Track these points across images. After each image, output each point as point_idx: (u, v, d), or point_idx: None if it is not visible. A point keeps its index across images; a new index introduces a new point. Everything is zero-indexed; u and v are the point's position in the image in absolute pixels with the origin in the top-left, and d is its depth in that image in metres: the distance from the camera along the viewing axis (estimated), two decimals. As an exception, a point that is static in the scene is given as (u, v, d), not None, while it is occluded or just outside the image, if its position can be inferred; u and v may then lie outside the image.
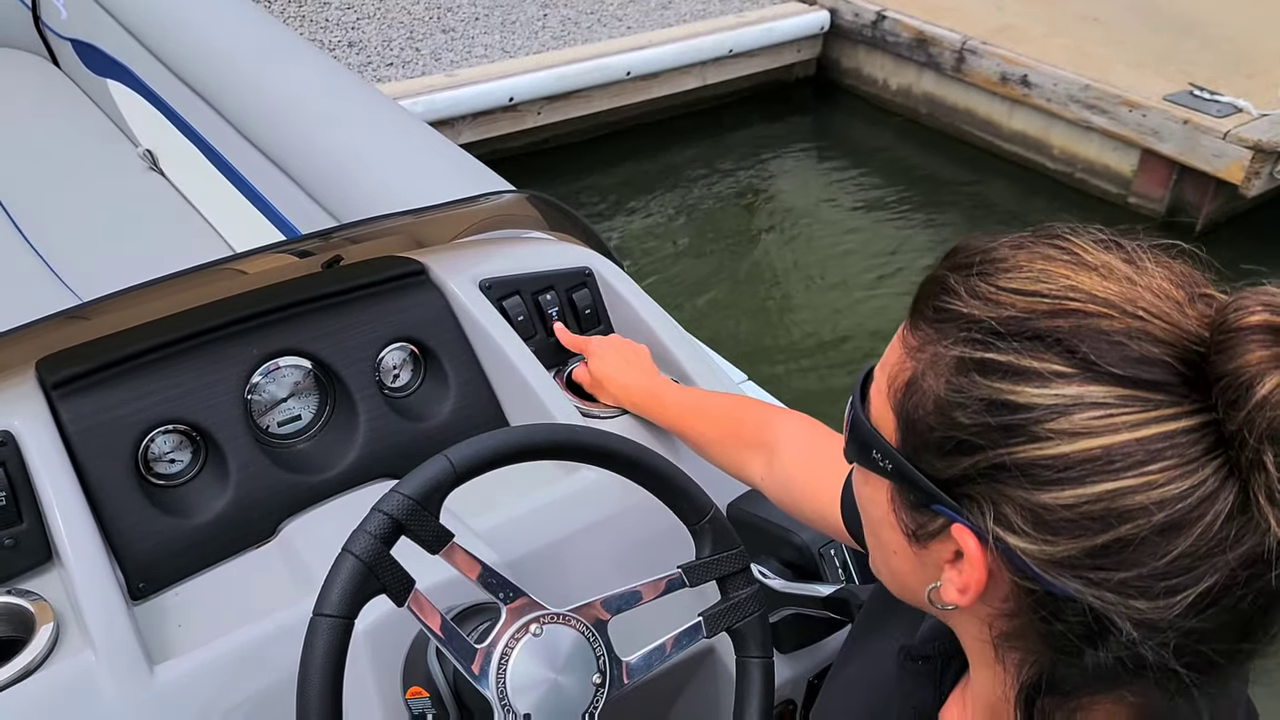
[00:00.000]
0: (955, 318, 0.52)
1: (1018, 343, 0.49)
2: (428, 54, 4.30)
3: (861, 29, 5.01)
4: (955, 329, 0.52)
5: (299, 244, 1.30)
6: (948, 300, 0.53)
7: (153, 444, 1.07)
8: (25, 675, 0.90)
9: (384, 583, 0.79)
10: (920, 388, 0.53)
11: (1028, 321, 0.49)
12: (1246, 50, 4.60)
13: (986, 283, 0.52)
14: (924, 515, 0.55)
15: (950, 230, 4.27)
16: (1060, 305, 0.49)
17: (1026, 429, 0.48)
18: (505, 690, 0.81)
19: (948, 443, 0.51)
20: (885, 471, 0.56)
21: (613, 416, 1.22)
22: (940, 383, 0.52)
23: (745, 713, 0.89)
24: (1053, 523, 0.48)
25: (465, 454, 0.83)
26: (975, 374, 0.50)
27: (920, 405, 0.53)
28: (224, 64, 2.08)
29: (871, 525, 0.62)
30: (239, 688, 0.93)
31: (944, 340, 0.52)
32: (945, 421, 0.51)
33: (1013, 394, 0.49)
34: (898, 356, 0.56)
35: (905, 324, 0.57)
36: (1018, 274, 0.52)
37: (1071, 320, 0.49)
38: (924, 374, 0.53)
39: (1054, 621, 0.50)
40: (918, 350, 0.54)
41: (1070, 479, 0.47)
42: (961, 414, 0.50)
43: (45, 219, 2.06)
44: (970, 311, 0.51)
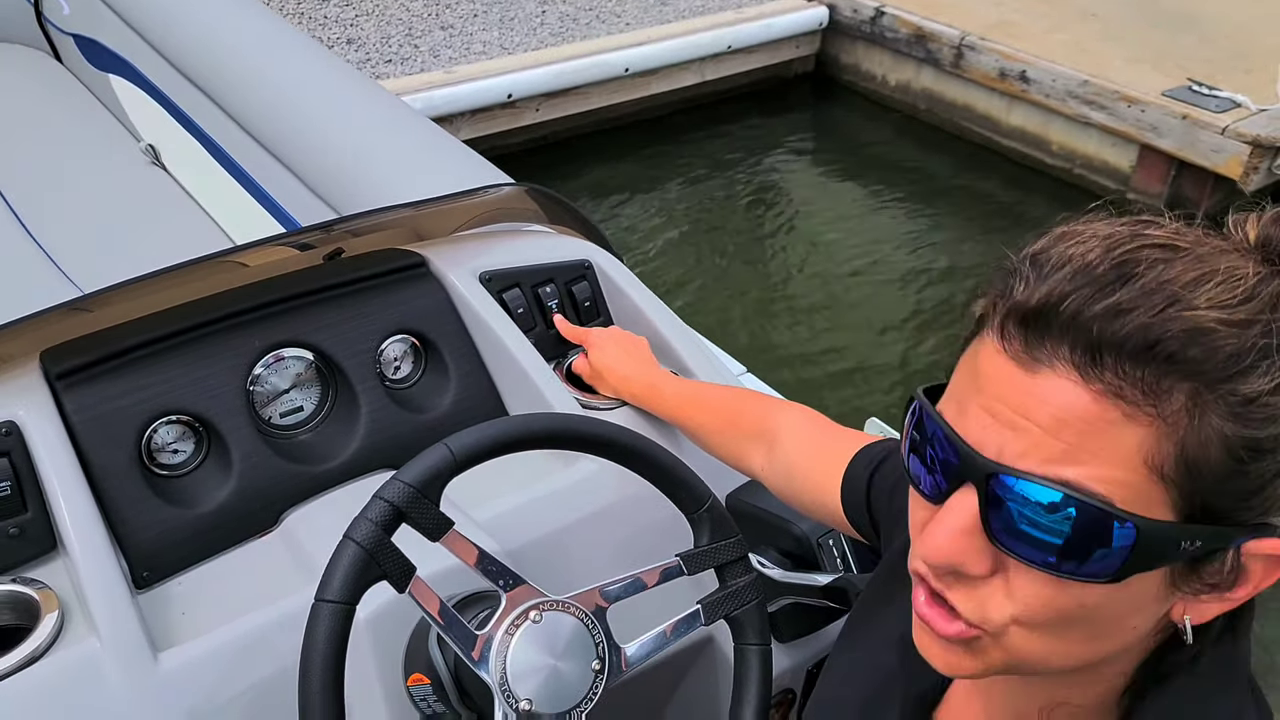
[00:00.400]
0: (1207, 361, 0.49)
1: (1277, 354, 0.49)
2: (426, 51, 4.30)
3: (860, 25, 5.02)
4: (1215, 372, 0.49)
5: (300, 236, 1.30)
6: (1188, 348, 0.48)
7: (156, 434, 1.07)
8: (31, 662, 0.91)
9: (385, 569, 0.79)
10: (1201, 444, 0.49)
11: (1274, 330, 0.49)
12: (1245, 45, 4.61)
13: (1198, 309, 0.49)
14: (1216, 563, 0.53)
15: (948, 226, 4.27)
16: (1269, 295, 0.50)
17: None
18: (505, 676, 0.82)
19: (1260, 478, 0.50)
20: (1191, 553, 0.51)
21: (612, 408, 1.22)
22: (1230, 427, 0.49)
23: (743, 699, 0.90)
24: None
25: (465, 442, 0.83)
26: (1270, 397, 0.49)
27: (1210, 461, 0.49)
28: (226, 59, 2.08)
29: (1104, 625, 0.54)
30: (242, 675, 0.94)
31: (1208, 387, 0.49)
32: (1253, 459, 0.50)
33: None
34: (1139, 435, 0.49)
35: (1110, 400, 0.49)
36: (1207, 286, 0.50)
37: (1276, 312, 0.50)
38: (1198, 430, 0.49)
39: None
40: (1171, 411, 0.49)
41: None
42: (1269, 443, 0.49)
43: (48, 213, 2.06)
44: (1227, 347, 0.49)
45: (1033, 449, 0.51)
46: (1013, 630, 0.54)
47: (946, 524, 0.54)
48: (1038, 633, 0.54)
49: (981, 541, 0.53)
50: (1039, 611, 0.53)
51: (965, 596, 0.55)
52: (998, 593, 0.54)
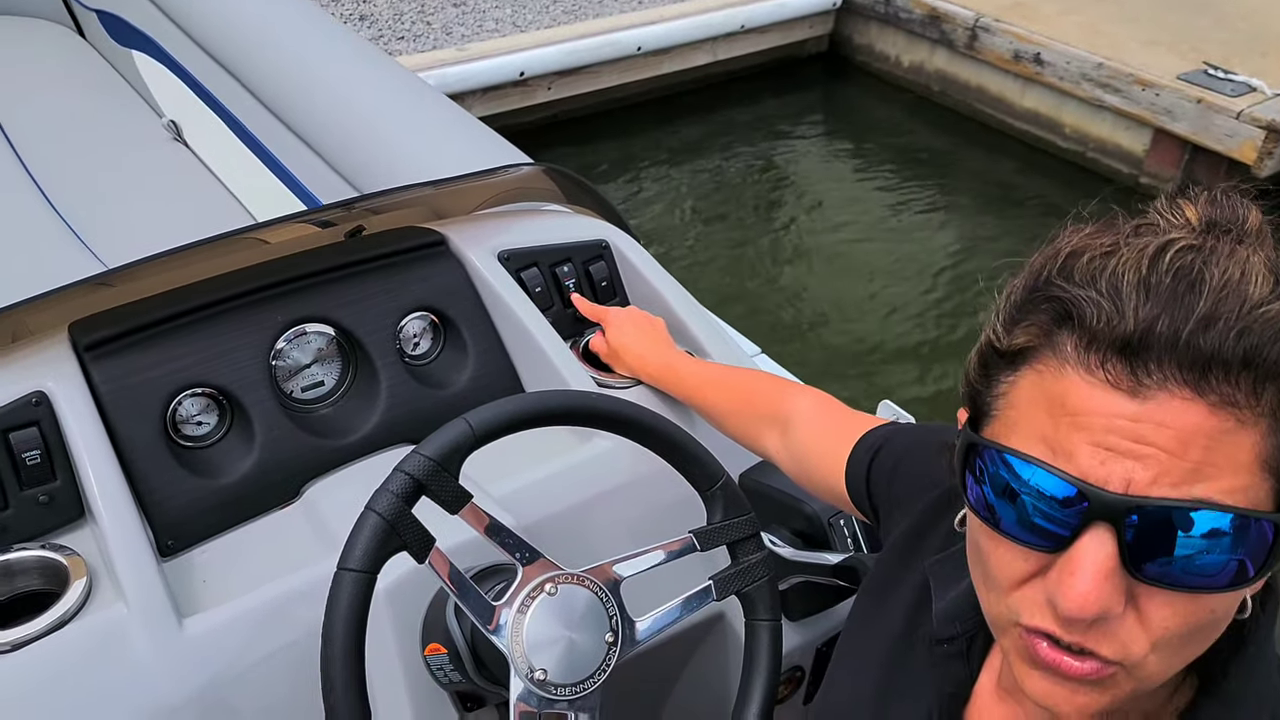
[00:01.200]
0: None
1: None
2: (439, 28, 4.28)
3: (874, 5, 4.97)
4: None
5: (321, 214, 1.31)
6: (1270, 351, 0.50)
7: (181, 406, 1.09)
8: (60, 625, 0.93)
9: (405, 540, 0.80)
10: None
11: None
12: (1262, 29, 4.55)
13: (1260, 307, 0.50)
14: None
15: (960, 208, 4.25)
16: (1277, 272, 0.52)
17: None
18: (521, 647, 0.83)
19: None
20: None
21: (627, 386, 1.23)
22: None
23: (753, 674, 0.91)
24: None
25: (484, 417, 0.84)
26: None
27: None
28: (247, 36, 2.08)
29: (1217, 627, 0.55)
30: (264, 641, 0.96)
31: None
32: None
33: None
34: (1252, 439, 0.50)
35: (1226, 412, 0.50)
36: (1253, 281, 0.51)
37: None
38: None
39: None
40: (1270, 409, 0.50)
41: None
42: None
43: (71, 188, 2.07)
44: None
45: (1162, 475, 0.49)
46: (1152, 659, 0.53)
47: (1086, 572, 0.51)
48: (1169, 652, 0.53)
49: (1119, 580, 0.51)
50: (1176, 633, 0.52)
51: (1105, 639, 0.52)
52: (1133, 626, 0.52)
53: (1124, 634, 0.52)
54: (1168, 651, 0.53)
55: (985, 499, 0.55)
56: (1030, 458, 0.53)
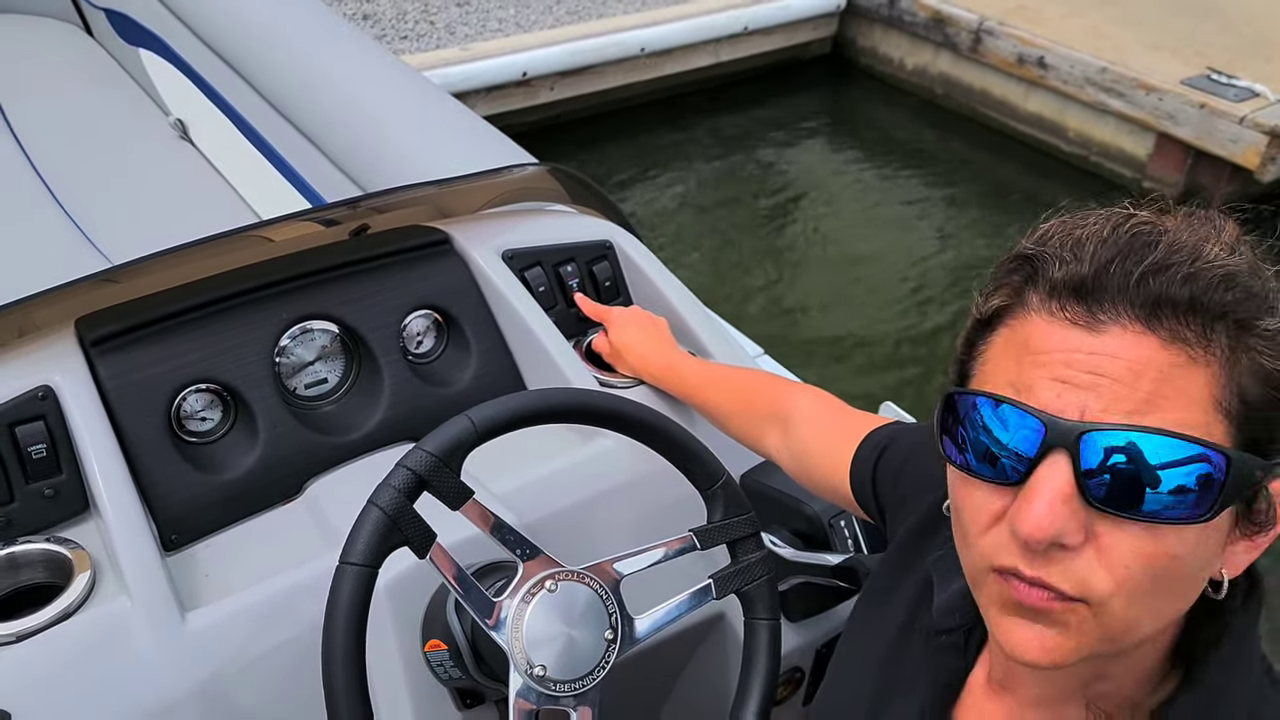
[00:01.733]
0: (1239, 302, 0.53)
1: (1275, 296, 0.54)
2: (442, 27, 4.28)
3: (878, 8, 4.97)
4: (1245, 310, 0.53)
5: (325, 212, 1.31)
6: (1224, 293, 0.52)
7: (185, 402, 1.09)
8: (64, 618, 0.93)
9: (407, 535, 0.80)
10: (1247, 379, 0.53)
11: (1262, 275, 0.54)
12: (1266, 34, 4.54)
13: (1213, 264, 0.53)
14: (1260, 501, 0.55)
15: (963, 211, 4.24)
16: (1265, 257, 0.56)
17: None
18: (521, 643, 0.83)
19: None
20: (1258, 484, 0.54)
21: (629, 386, 1.23)
22: (1266, 359, 0.53)
23: (752, 673, 0.91)
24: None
25: (486, 414, 0.84)
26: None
27: (1254, 394, 0.53)
28: (254, 35, 2.09)
29: (1187, 578, 0.55)
30: (266, 636, 0.96)
31: (1241, 326, 0.53)
32: (1278, 389, 0.53)
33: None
34: (1204, 376, 0.52)
35: (1178, 348, 0.52)
36: (1210, 244, 0.54)
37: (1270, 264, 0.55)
38: (1244, 367, 0.53)
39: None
40: (1220, 351, 0.53)
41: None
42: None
43: (78, 185, 2.07)
44: (1250, 287, 0.53)
45: (1115, 403, 0.51)
46: (1117, 600, 0.53)
47: (1042, 496, 0.52)
48: (1134, 599, 0.54)
49: (1076, 507, 0.52)
50: (1137, 571, 0.53)
51: (1064, 573, 0.53)
52: (1093, 563, 0.53)
53: (1083, 567, 0.53)
54: (1132, 597, 0.53)
55: (956, 442, 0.57)
56: (994, 395, 0.55)
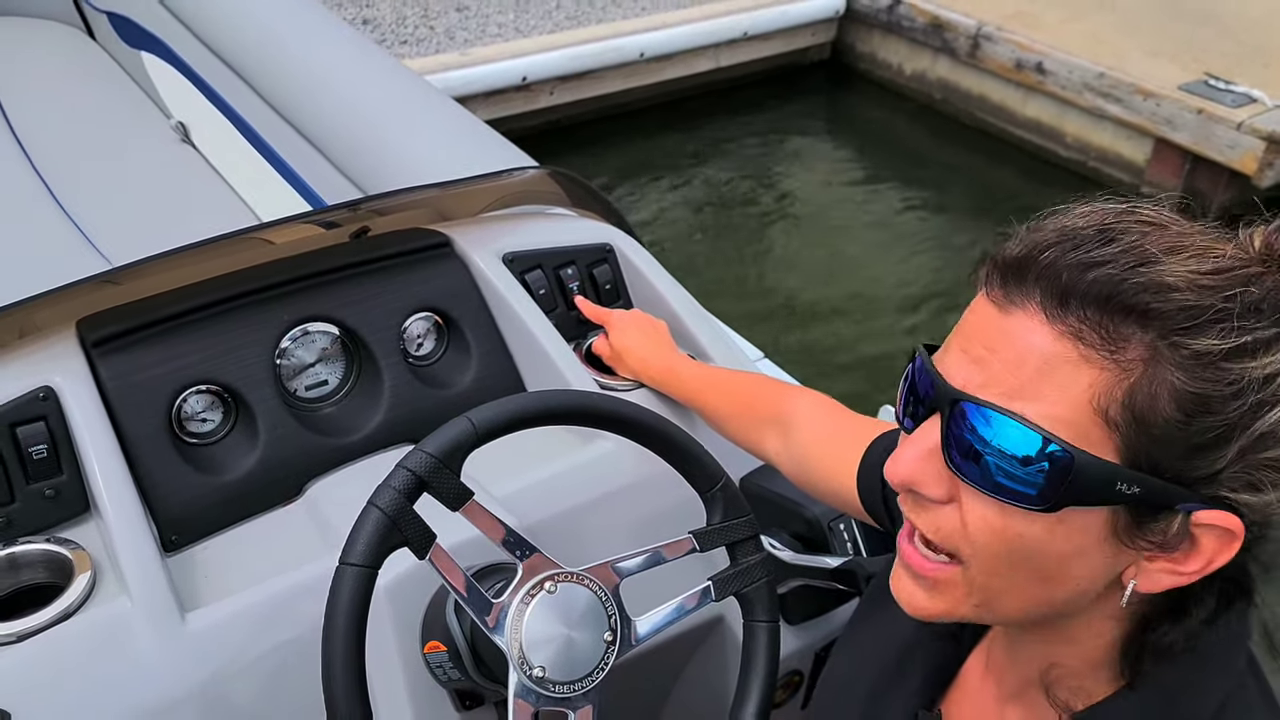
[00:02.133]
0: (1164, 314, 0.50)
1: (1239, 321, 0.50)
2: (442, 32, 4.28)
3: (877, 13, 4.97)
4: (1170, 324, 0.50)
5: (326, 214, 1.31)
6: (1147, 300, 0.50)
7: (186, 403, 1.09)
8: (64, 618, 0.93)
9: (406, 536, 0.80)
10: (1150, 394, 0.50)
11: (1236, 297, 0.50)
12: (1263, 40, 4.54)
13: (1165, 271, 0.51)
14: (1161, 522, 0.53)
15: (961, 216, 4.24)
16: (1240, 274, 0.51)
17: (1277, 395, 0.51)
18: (520, 644, 0.82)
19: (1209, 439, 0.51)
20: (1127, 497, 0.52)
21: (629, 389, 1.23)
22: (1178, 381, 0.50)
23: (751, 675, 0.90)
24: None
25: (486, 415, 0.84)
26: (1223, 362, 0.50)
27: (1156, 411, 0.51)
28: (255, 38, 2.09)
29: (1048, 565, 0.56)
30: (266, 637, 0.96)
31: (1162, 339, 0.50)
32: (1199, 417, 0.50)
33: (1261, 369, 0.50)
34: (1090, 376, 0.51)
35: (1069, 341, 0.52)
36: (1180, 255, 0.52)
37: (1251, 287, 0.51)
38: (1150, 380, 0.50)
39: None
40: (1124, 358, 0.51)
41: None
42: (1218, 404, 0.50)
43: (80, 188, 2.07)
44: (1185, 302, 0.50)
45: (993, 381, 0.54)
46: (973, 565, 0.57)
47: (913, 446, 0.58)
48: (993, 567, 0.57)
49: (940, 465, 0.57)
50: (988, 539, 0.56)
51: (928, 520, 0.59)
52: (953, 518, 0.57)
53: (944, 519, 0.58)
54: (990, 566, 0.57)
55: (900, 397, 0.62)
56: (923, 353, 0.59)
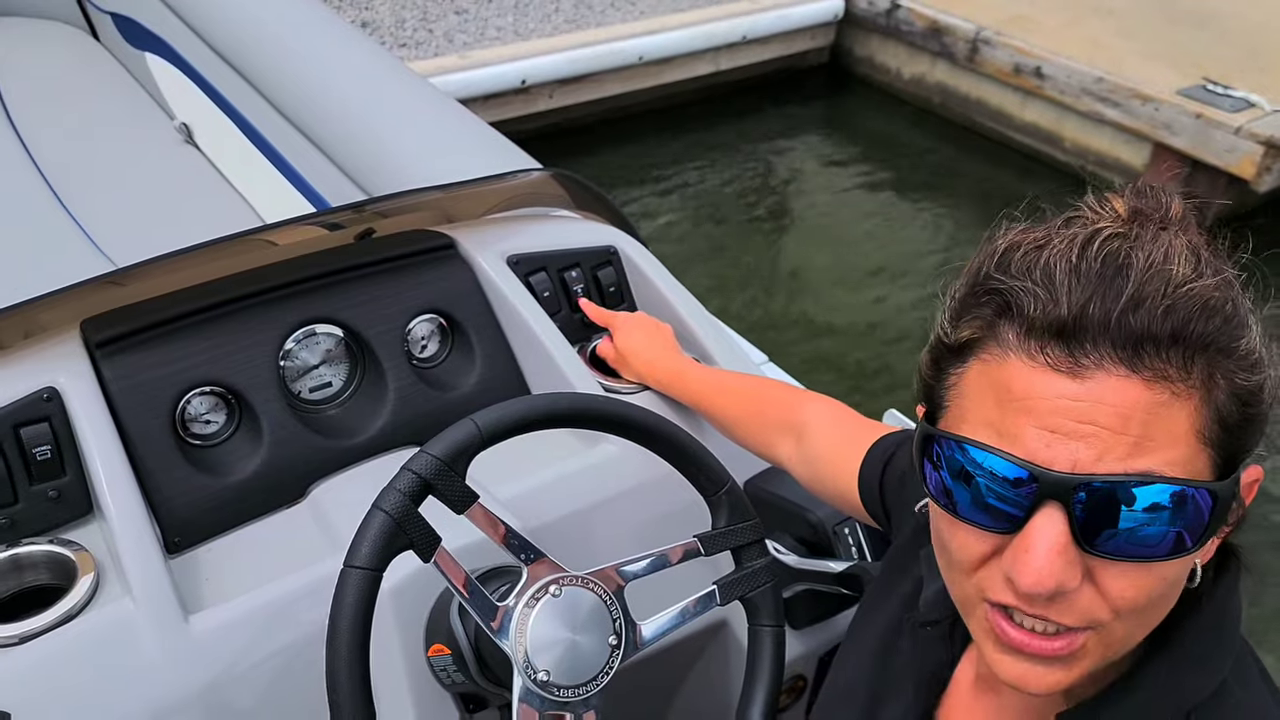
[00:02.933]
0: (1210, 335, 0.53)
1: (1237, 314, 0.54)
2: (440, 35, 4.26)
3: (876, 17, 4.96)
4: (1214, 341, 0.53)
5: (331, 216, 1.30)
6: (1196, 327, 0.53)
7: (190, 404, 1.08)
8: (67, 620, 0.92)
9: (411, 538, 0.80)
10: (1225, 401, 0.54)
11: (1231, 292, 0.55)
12: (1262, 45, 4.54)
13: (1185, 288, 0.53)
14: (1236, 501, 0.57)
15: (960, 220, 4.23)
16: (1223, 277, 0.56)
17: (1268, 368, 0.56)
18: (525, 648, 0.82)
19: (1259, 414, 0.55)
20: (1227, 514, 0.56)
21: (634, 392, 1.22)
22: (1235, 380, 0.54)
23: (756, 679, 0.90)
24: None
25: (491, 418, 0.84)
26: (1247, 353, 0.54)
27: (1230, 415, 0.54)
28: (260, 39, 2.08)
29: (1172, 593, 0.57)
30: (268, 639, 0.95)
31: (1216, 353, 0.53)
32: (1252, 402, 0.55)
33: (1260, 348, 0.55)
34: (1187, 411, 0.53)
35: (1160, 386, 0.52)
36: (1176, 262, 0.54)
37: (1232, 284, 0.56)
38: (1217, 392, 0.54)
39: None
40: (1199, 383, 0.53)
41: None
42: (1258, 388, 0.55)
43: (83, 188, 2.06)
44: (1211, 319, 0.53)
45: (1106, 451, 0.52)
46: (1116, 626, 0.55)
47: (1039, 550, 0.53)
48: (1133, 620, 0.55)
49: (1072, 556, 0.53)
50: (1135, 601, 0.54)
51: (1064, 611, 0.54)
52: (1094, 597, 0.54)
53: (1084, 604, 0.54)
54: (1131, 619, 0.55)
55: (943, 485, 0.57)
56: (980, 443, 0.55)
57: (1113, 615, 0.54)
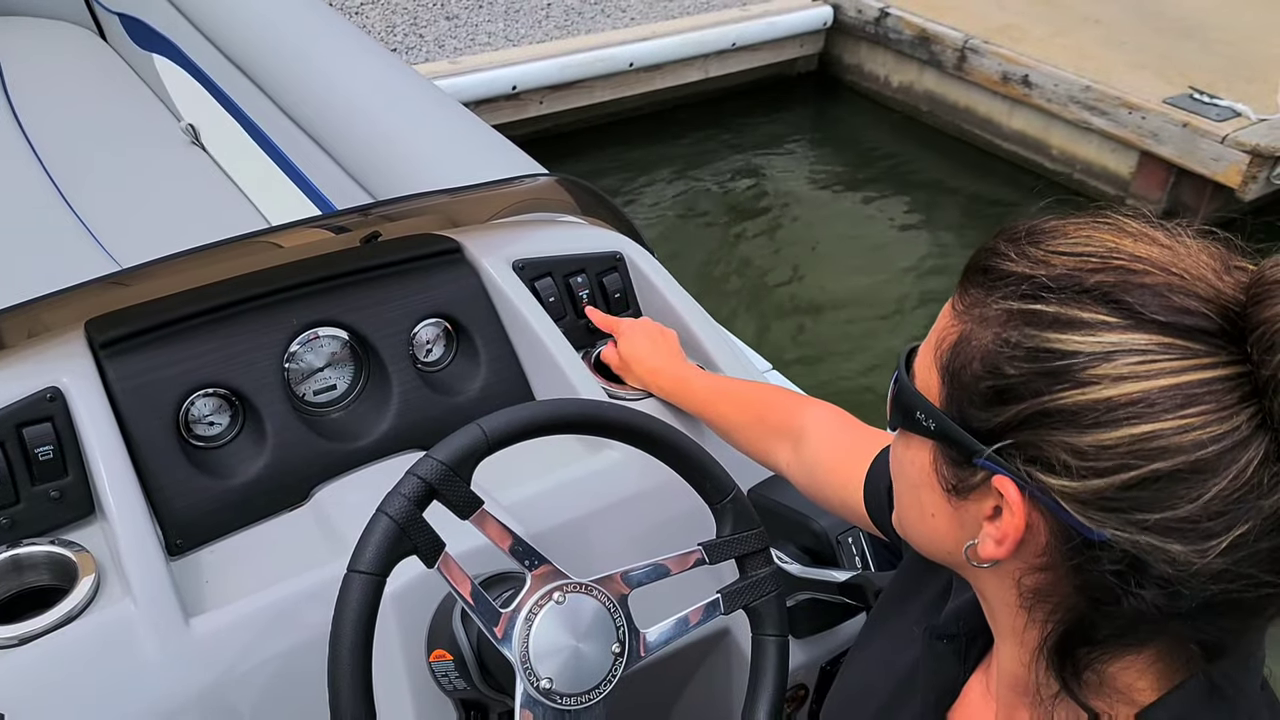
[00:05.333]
0: (1005, 277, 0.53)
1: (1065, 295, 0.51)
2: (431, 40, 4.21)
3: (864, 25, 4.93)
4: (1004, 286, 0.53)
5: (337, 219, 1.28)
6: (998, 262, 0.54)
7: (193, 406, 1.06)
8: (67, 621, 0.90)
9: (416, 544, 0.78)
10: (968, 345, 0.54)
11: (1074, 277, 0.51)
12: (1246, 54, 4.53)
13: (1036, 247, 0.53)
14: (965, 470, 0.55)
15: (947, 227, 4.22)
16: (1106, 263, 0.51)
17: (1072, 374, 0.49)
18: (528, 654, 0.80)
19: (992, 393, 0.52)
20: (929, 431, 0.57)
21: (638, 398, 1.20)
22: (988, 336, 0.53)
23: (760, 689, 0.88)
24: (1093, 464, 0.49)
25: (497, 424, 0.82)
26: (1024, 326, 0.51)
27: (967, 361, 0.54)
28: (267, 41, 2.06)
29: (910, 489, 0.61)
30: (270, 643, 0.93)
31: (992, 297, 0.53)
32: (992, 373, 0.52)
33: (1059, 342, 0.50)
34: (946, 321, 0.57)
35: (956, 292, 0.57)
36: (1064, 239, 0.53)
37: (1116, 275, 0.50)
38: (972, 332, 0.54)
39: (1089, 569, 0.51)
40: (965, 311, 0.55)
41: (1112, 421, 0.48)
42: (1008, 364, 0.51)
43: (88, 188, 2.04)
44: (1020, 270, 0.53)
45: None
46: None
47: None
48: (899, 487, 0.63)
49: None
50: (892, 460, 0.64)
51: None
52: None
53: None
54: (898, 486, 0.63)
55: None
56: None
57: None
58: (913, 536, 0.64)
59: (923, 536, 0.62)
